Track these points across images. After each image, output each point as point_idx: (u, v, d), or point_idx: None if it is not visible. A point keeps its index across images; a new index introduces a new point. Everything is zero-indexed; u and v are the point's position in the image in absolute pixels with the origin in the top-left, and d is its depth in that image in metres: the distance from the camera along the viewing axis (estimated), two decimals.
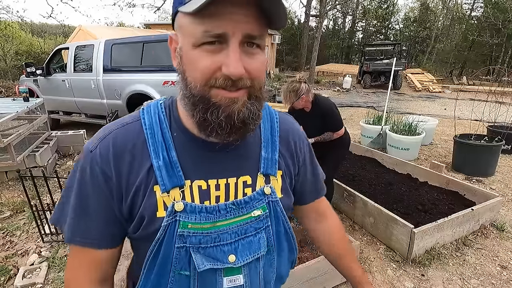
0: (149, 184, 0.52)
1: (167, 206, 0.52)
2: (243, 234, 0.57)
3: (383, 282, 2.07)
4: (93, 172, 0.52)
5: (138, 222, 0.53)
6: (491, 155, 3.69)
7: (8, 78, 12.06)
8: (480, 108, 5.04)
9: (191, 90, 0.48)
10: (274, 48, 19.46)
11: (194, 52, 0.46)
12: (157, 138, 0.53)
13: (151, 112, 0.56)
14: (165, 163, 0.52)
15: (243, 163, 0.58)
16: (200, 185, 0.54)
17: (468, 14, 22.02)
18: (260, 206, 0.58)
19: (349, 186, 2.91)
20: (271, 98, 9.96)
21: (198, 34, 0.44)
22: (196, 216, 0.53)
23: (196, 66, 0.46)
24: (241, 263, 0.56)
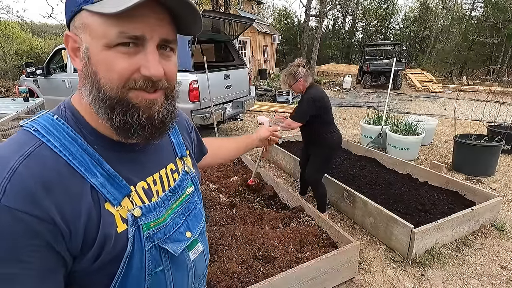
0: (98, 205, 0.47)
1: (124, 218, 0.50)
2: (187, 211, 0.64)
3: (383, 282, 2.07)
4: (19, 227, 0.39)
5: (99, 248, 0.47)
6: (491, 155, 3.69)
7: (8, 78, 12.06)
8: (480, 108, 5.04)
9: (106, 93, 0.46)
10: (274, 48, 19.45)
11: (107, 53, 0.45)
12: (81, 157, 0.47)
13: (53, 132, 0.47)
14: (105, 178, 0.49)
15: (164, 154, 0.63)
16: (142, 186, 0.55)
17: (468, 14, 22.02)
18: (188, 184, 0.66)
19: (349, 186, 2.91)
20: (271, 98, 9.96)
21: (112, 35, 0.44)
22: (153, 214, 0.54)
23: (112, 67, 0.45)
24: (196, 234, 0.64)
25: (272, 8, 39.87)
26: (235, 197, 2.98)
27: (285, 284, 1.75)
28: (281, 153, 4.03)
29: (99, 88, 0.46)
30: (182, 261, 0.59)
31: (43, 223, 0.41)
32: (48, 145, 0.46)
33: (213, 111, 4.50)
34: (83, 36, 0.46)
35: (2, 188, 0.40)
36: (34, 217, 0.40)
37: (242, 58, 5.75)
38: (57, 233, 0.42)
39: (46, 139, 0.46)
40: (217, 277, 1.81)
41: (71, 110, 0.51)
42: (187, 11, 0.48)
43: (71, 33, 0.48)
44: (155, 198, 0.56)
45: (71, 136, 0.48)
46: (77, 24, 0.47)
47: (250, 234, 2.26)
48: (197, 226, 0.65)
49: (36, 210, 0.40)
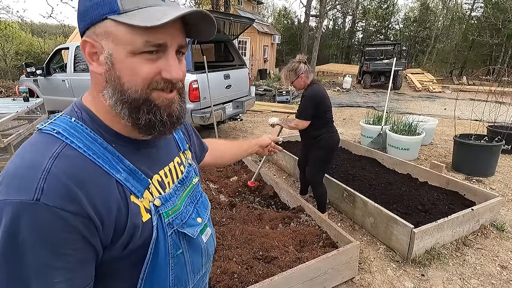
0: (125, 198, 0.52)
1: (147, 208, 0.55)
2: (195, 199, 0.71)
3: (383, 282, 2.07)
4: (58, 223, 0.43)
5: (128, 237, 0.51)
6: (491, 155, 3.69)
7: (8, 78, 12.06)
8: (480, 108, 5.04)
9: (130, 95, 0.51)
10: (274, 48, 19.45)
11: (133, 60, 0.49)
12: (104, 156, 0.51)
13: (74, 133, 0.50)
14: (127, 173, 0.53)
15: (170, 148, 0.69)
16: (157, 178, 0.60)
17: (468, 14, 22.02)
18: (193, 175, 0.73)
19: (349, 186, 2.91)
20: (271, 98, 9.96)
21: (138, 43, 0.48)
22: (170, 203, 0.60)
23: (137, 72, 0.50)
24: (206, 220, 0.71)
25: (272, 8, 39.84)
26: (235, 197, 2.98)
27: (285, 284, 1.75)
28: (281, 153, 4.03)
29: (122, 91, 0.51)
30: (197, 243, 0.66)
31: (79, 218, 0.45)
32: (72, 146, 0.49)
33: (213, 111, 4.50)
34: (105, 42, 0.49)
35: (40, 188, 0.43)
36: (71, 213, 0.44)
37: (242, 58, 5.75)
38: (91, 227, 0.46)
39: (69, 141, 0.49)
40: (217, 277, 1.81)
41: (86, 111, 0.55)
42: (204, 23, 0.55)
43: (90, 38, 0.51)
44: (168, 189, 0.61)
45: (91, 137, 0.51)
46: (98, 31, 0.50)
47: (250, 234, 2.26)
48: (205, 212, 0.72)
49: (72, 206, 0.44)
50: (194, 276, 0.66)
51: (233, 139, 5.49)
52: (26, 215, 0.42)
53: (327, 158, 2.62)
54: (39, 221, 0.42)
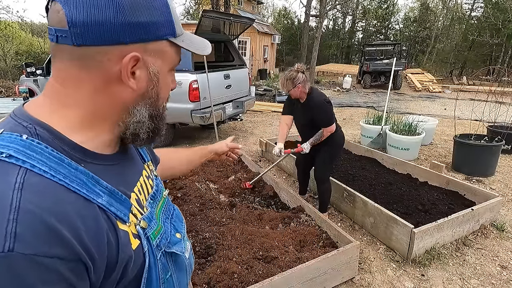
0: (112, 226, 0.44)
1: (135, 234, 0.48)
2: (170, 214, 0.65)
3: (383, 282, 2.07)
4: (39, 275, 0.34)
5: (122, 270, 0.44)
6: (491, 155, 3.69)
7: (8, 78, 12.05)
8: (480, 108, 5.04)
9: (159, 109, 0.54)
10: (274, 48, 19.45)
11: (168, 76, 0.54)
12: (77, 178, 0.41)
13: (32, 155, 0.39)
14: (108, 196, 0.45)
15: (137, 161, 0.63)
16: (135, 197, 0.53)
17: (468, 14, 22.02)
18: (163, 188, 0.67)
19: (349, 186, 2.91)
20: (271, 98, 9.96)
21: (176, 62, 0.54)
22: (154, 222, 0.54)
23: (169, 86, 0.55)
24: (183, 234, 0.65)
25: (272, 8, 39.85)
26: (235, 197, 2.98)
27: (285, 284, 1.75)
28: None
29: (157, 106, 0.53)
30: (182, 261, 0.61)
31: (67, 263, 0.36)
32: (35, 171, 0.38)
33: (213, 111, 4.49)
34: (153, 59, 0.49)
35: (11, 233, 0.33)
36: (56, 258, 0.35)
37: (242, 58, 5.75)
38: (81, 270, 0.38)
39: (29, 165, 0.38)
40: (217, 277, 1.81)
41: (41, 125, 0.43)
42: None
43: (140, 54, 0.47)
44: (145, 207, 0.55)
45: (55, 157, 0.41)
46: (151, 48, 0.49)
47: (250, 234, 2.26)
48: (182, 226, 0.67)
49: (57, 249, 0.35)
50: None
51: (233, 139, 5.48)
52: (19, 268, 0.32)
53: (338, 154, 2.69)
54: (16, 278, 0.32)
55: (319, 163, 2.66)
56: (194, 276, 1.83)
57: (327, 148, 2.59)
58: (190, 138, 5.53)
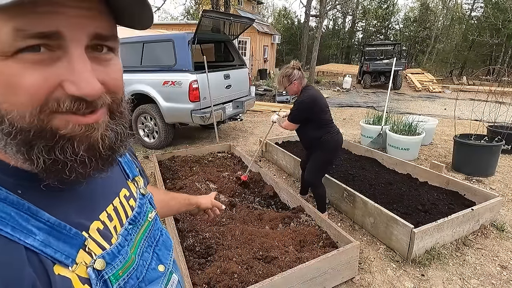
0: (45, 273, 0.33)
1: (84, 278, 0.37)
2: (154, 241, 0.53)
3: (383, 282, 2.07)
4: None
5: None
6: (491, 155, 3.69)
7: None
8: (480, 108, 5.04)
9: (13, 123, 0.31)
10: (274, 48, 19.45)
11: (5, 66, 0.30)
12: (2, 213, 0.32)
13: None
14: (46, 233, 0.35)
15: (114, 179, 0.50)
16: (97, 227, 0.42)
17: (468, 14, 22.03)
18: (149, 209, 0.55)
19: (349, 186, 2.91)
20: (271, 98, 9.96)
21: (5, 36, 0.29)
22: (119, 258, 0.42)
23: (16, 85, 0.30)
24: (170, 265, 0.53)
25: (272, 8, 39.85)
26: (235, 197, 2.98)
27: (285, 284, 1.75)
28: (281, 153, 4.03)
29: (1, 117, 0.31)
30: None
31: None
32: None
33: (213, 111, 4.50)
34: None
35: None
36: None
37: (242, 58, 5.75)
38: None
39: None
40: (217, 277, 1.81)
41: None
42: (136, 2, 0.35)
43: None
44: (115, 237, 0.44)
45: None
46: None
47: (250, 234, 2.26)
48: (168, 255, 0.54)
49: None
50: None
51: (233, 139, 5.49)
52: None
53: (328, 160, 2.62)
54: None
55: (309, 167, 2.67)
56: (194, 276, 1.83)
57: (319, 153, 2.59)
58: (190, 138, 5.53)
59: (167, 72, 4.43)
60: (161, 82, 4.42)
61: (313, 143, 2.57)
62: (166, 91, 4.44)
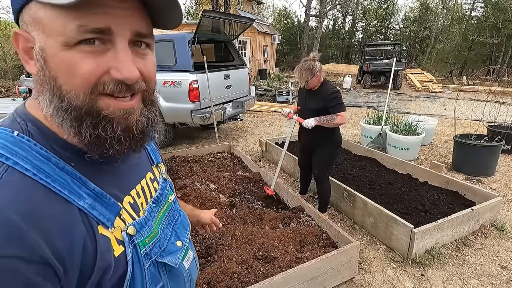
0: (92, 231, 0.41)
1: (120, 240, 0.45)
2: (173, 220, 0.61)
3: (383, 282, 2.07)
4: (5, 275, 0.32)
5: (98, 278, 0.41)
6: (491, 155, 3.69)
7: (8, 78, 12.06)
8: (480, 108, 5.04)
9: (70, 101, 0.39)
10: (274, 48, 19.45)
11: (68, 54, 0.38)
12: (61, 178, 0.40)
13: (18, 152, 0.39)
14: (93, 199, 0.43)
15: (141, 162, 0.59)
16: (129, 201, 0.50)
17: (468, 14, 22.02)
18: (169, 192, 0.63)
19: (349, 186, 2.91)
20: (271, 98, 9.96)
21: (71, 30, 0.37)
22: (146, 229, 0.50)
23: (75, 70, 0.38)
24: (186, 242, 0.61)
25: (272, 8, 39.89)
26: (235, 197, 2.98)
27: (285, 284, 1.75)
28: (281, 153, 4.02)
29: (61, 96, 0.39)
30: (180, 272, 0.56)
31: (33, 265, 0.33)
32: (17, 169, 0.37)
33: (213, 111, 4.50)
34: (35, 33, 0.39)
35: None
36: (21, 260, 0.33)
37: (242, 58, 5.75)
38: (50, 274, 0.35)
39: (12, 162, 0.37)
40: (217, 277, 1.81)
41: (32, 122, 0.42)
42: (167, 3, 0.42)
43: (22, 30, 0.40)
44: (142, 212, 0.52)
45: (42, 155, 0.40)
46: (26, 19, 0.39)
47: (250, 234, 2.26)
48: (185, 234, 0.62)
49: (22, 251, 0.33)
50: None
51: (233, 139, 5.49)
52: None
53: (336, 154, 2.65)
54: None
55: (318, 163, 2.65)
56: None
57: (326, 148, 2.58)
58: (190, 138, 5.53)
59: (167, 72, 4.43)
60: (161, 82, 4.42)
61: (323, 136, 2.52)
62: (166, 91, 4.44)
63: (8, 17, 14.43)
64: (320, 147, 2.59)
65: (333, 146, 2.59)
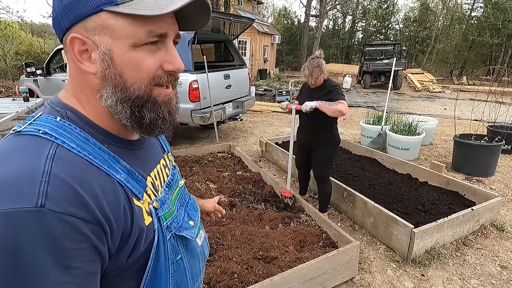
0: (128, 200, 0.48)
1: (148, 211, 0.52)
2: (185, 203, 0.68)
3: (383, 282, 2.07)
4: (67, 232, 0.38)
5: (134, 242, 0.48)
6: (491, 155, 3.69)
7: (8, 78, 12.05)
8: (480, 108, 5.04)
9: (134, 92, 0.48)
10: (274, 48, 19.44)
11: (135, 53, 0.47)
12: (100, 156, 0.47)
13: (63, 133, 0.45)
14: (126, 173, 0.50)
15: (156, 149, 0.67)
16: (150, 181, 0.57)
17: (468, 14, 22.01)
18: (179, 177, 0.71)
19: (349, 186, 2.91)
20: (271, 98, 9.96)
21: (141, 34, 0.46)
22: (166, 205, 0.57)
23: (140, 66, 0.47)
24: (197, 222, 0.68)
25: (272, 8, 39.89)
26: (235, 197, 2.98)
27: (285, 284, 1.75)
28: (281, 153, 4.03)
29: (125, 88, 0.48)
30: (194, 247, 0.63)
31: (89, 224, 0.40)
32: (65, 147, 0.44)
33: (213, 111, 4.50)
34: (98, 37, 0.45)
35: (43, 192, 0.37)
36: (80, 219, 0.39)
37: (242, 58, 5.75)
38: (101, 233, 0.42)
39: (60, 141, 0.44)
40: (217, 277, 1.81)
41: (70, 110, 0.50)
42: (198, 11, 0.52)
43: (80, 34, 0.46)
44: (160, 191, 0.59)
45: (82, 136, 0.47)
46: (91, 26, 0.45)
47: (250, 234, 2.26)
48: (196, 215, 0.69)
49: (81, 211, 0.40)
50: (193, 283, 0.63)
51: (233, 139, 5.49)
52: (28, 226, 0.36)
53: (336, 152, 2.66)
54: (46, 231, 0.37)
55: (318, 163, 2.65)
56: None
57: (325, 147, 2.58)
58: (190, 138, 5.53)
59: None
60: None
61: (322, 136, 2.53)
62: None
63: (8, 17, 14.43)
64: (319, 147, 2.59)
65: (332, 145, 2.58)
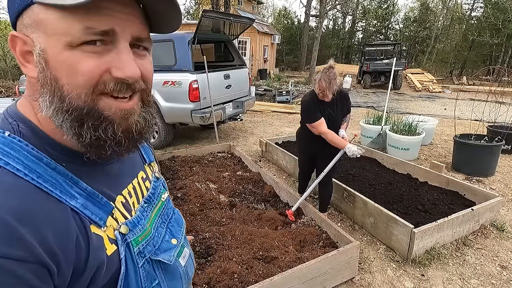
0: (84, 230, 0.42)
1: (112, 238, 0.46)
2: (167, 218, 0.61)
3: (383, 282, 2.07)
4: (2, 275, 0.32)
5: (91, 276, 0.42)
6: (491, 155, 3.69)
7: (8, 78, 12.05)
8: (480, 108, 5.04)
9: (72, 102, 0.39)
10: (274, 48, 19.45)
11: (71, 54, 0.38)
12: (52, 179, 0.40)
13: (9, 152, 0.39)
14: (85, 198, 0.43)
15: (134, 161, 0.59)
16: (121, 200, 0.50)
17: (468, 14, 22.02)
18: (162, 191, 0.63)
19: (349, 186, 2.91)
20: (271, 98, 9.96)
21: (76, 31, 0.37)
22: (139, 227, 0.51)
23: (77, 69, 0.38)
24: (181, 239, 0.61)
25: (272, 8, 39.90)
26: (235, 197, 2.98)
27: (285, 284, 1.75)
28: (281, 153, 4.03)
29: (62, 97, 0.39)
30: (175, 269, 0.57)
31: (27, 264, 0.33)
32: (8, 169, 0.37)
33: (213, 111, 4.50)
34: (35, 35, 0.39)
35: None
36: (15, 260, 0.33)
37: (242, 58, 5.75)
38: (43, 272, 0.35)
39: (3, 162, 0.37)
40: (217, 277, 1.81)
41: (24, 122, 0.42)
42: (164, 6, 0.43)
43: (20, 33, 0.40)
44: (134, 211, 0.52)
45: (33, 155, 0.40)
46: (26, 22, 0.39)
47: (250, 234, 2.26)
48: (180, 231, 0.63)
49: (17, 250, 0.33)
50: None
51: (233, 139, 5.49)
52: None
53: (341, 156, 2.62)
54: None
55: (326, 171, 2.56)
56: (194, 276, 1.83)
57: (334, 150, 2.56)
58: (190, 138, 5.53)
59: (167, 72, 4.43)
60: (161, 82, 4.42)
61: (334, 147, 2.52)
62: (166, 91, 4.44)
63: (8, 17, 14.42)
64: (329, 159, 2.54)
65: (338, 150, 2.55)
